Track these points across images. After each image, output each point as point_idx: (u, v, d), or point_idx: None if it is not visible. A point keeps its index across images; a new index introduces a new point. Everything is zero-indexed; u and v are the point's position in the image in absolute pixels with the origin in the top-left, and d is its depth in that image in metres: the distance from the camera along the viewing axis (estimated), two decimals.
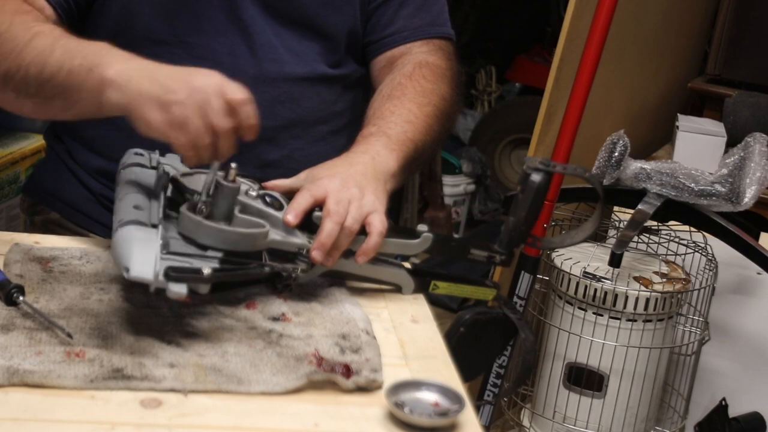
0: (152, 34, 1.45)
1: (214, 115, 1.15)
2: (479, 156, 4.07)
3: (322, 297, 1.28)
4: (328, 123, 1.56)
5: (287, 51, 1.50)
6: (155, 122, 1.15)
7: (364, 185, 1.29)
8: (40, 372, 1.04)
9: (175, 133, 1.15)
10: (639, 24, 2.52)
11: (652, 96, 2.88)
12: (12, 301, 1.17)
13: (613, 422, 2.08)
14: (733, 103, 2.68)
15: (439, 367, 1.16)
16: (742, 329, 2.27)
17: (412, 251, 1.33)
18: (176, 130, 1.15)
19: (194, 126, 1.14)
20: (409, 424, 1.04)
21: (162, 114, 1.15)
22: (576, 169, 1.45)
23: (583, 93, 1.93)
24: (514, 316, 1.41)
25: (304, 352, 1.14)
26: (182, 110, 1.14)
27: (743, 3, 2.88)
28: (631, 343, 2.04)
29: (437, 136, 1.49)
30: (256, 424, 1.02)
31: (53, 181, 1.59)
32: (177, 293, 1.07)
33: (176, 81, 1.16)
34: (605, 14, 1.90)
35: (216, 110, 1.15)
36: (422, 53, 1.58)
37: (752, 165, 1.96)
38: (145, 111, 1.15)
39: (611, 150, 1.97)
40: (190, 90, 1.15)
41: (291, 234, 1.23)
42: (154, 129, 1.16)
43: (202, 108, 1.15)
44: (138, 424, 1.00)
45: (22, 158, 2.56)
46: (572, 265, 2.06)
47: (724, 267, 2.17)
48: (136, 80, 1.17)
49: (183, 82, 1.16)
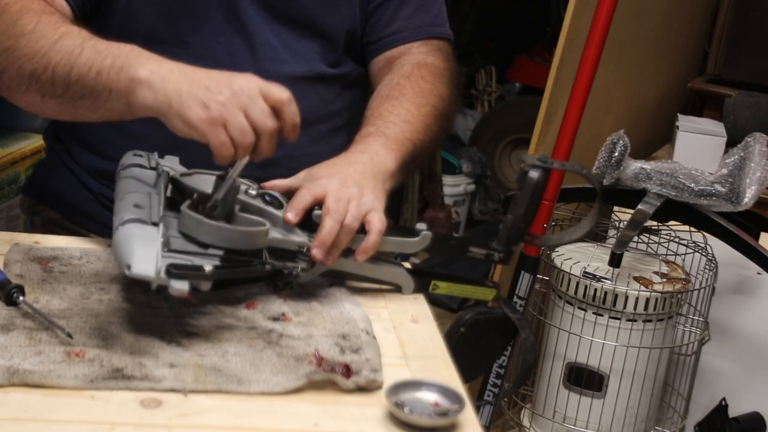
0: (152, 34, 1.45)
1: (258, 114, 1.16)
2: (479, 156, 4.08)
3: (322, 297, 1.28)
4: (327, 122, 1.56)
5: (286, 50, 1.50)
6: (197, 119, 1.15)
7: (363, 184, 1.30)
8: (40, 372, 1.05)
9: (216, 130, 1.15)
10: (639, 24, 2.52)
11: (652, 96, 2.88)
12: (12, 301, 1.17)
13: (613, 422, 2.08)
14: (733, 103, 2.68)
15: (439, 367, 1.16)
16: (742, 329, 2.27)
17: (411, 249, 1.33)
18: (218, 128, 1.15)
19: (237, 125, 1.15)
20: (409, 424, 1.04)
21: (205, 112, 1.15)
22: (573, 166, 1.46)
23: (583, 93, 1.93)
24: (514, 316, 1.41)
25: (304, 352, 1.14)
26: (225, 109, 1.15)
27: (743, 3, 2.88)
28: (631, 343, 2.04)
29: (435, 136, 1.50)
30: (256, 424, 1.02)
31: (53, 181, 1.59)
32: (179, 290, 1.07)
33: (217, 82, 1.17)
34: (605, 14, 1.90)
35: (260, 110, 1.16)
36: (421, 53, 1.58)
37: (752, 165, 1.96)
38: (186, 109, 1.15)
39: (611, 150, 1.97)
40: (233, 91, 1.16)
41: (291, 232, 1.23)
42: (195, 126, 1.16)
43: (246, 108, 1.16)
44: (138, 424, 1.00)
45: (22, 158, 2.56)
46: (572, 265, 2.06)
47: (724, 267, 2.17)
48: (173, 80, 1.17)
49: (224, 83, 1.17)
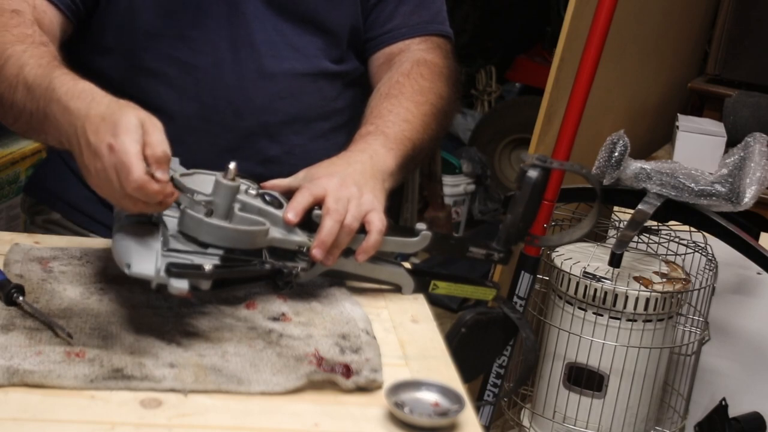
0: (154, 29, 1.45)
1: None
2: (479, 156, 4.08)
3: (322, 297, 1.28)
4: (328, 119, 1.56)
5: (288, 46, 1.50)
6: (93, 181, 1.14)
7: (363, 184, 1.29)
8: (40, 372, 1.04)
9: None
10: (639, 24, 2.52)
11: (652, 96, 2.88)
12: (12, 301, 1.17)
13: (613, 422, 2.08)
14: (733, 103, 2.68)
15: (439, 367, 1.16)
16: (742, 329, 2.27)
17: (411, 249, 1.33)
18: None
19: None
20: (409, 424, 1.04)
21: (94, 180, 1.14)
22: (573, 165, 1.46)
23: (583, 93, 1.93)
24: (514, 316, 1.41)
25: (304, 352, 1.14)
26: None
27: (743, 3, 2.88)
28: (631, 343, 2.04)
29: (435, 134, 1.50)
30: (256, 424, 1.02)
31: (54, 180, 1.59)
32: (178, 289, 1.07)
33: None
34: (605, 14, 1.90)
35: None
36: (420, 50, 1.58)
37: (752, 165, 1.96)
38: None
39: (611, 150, 1.97)
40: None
41: (291, 232, 1.23)
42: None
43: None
44: (138, 424, 1.00)
45: (22, 158, 2.57)
46: (572, 265, 2.06)
47: (724, 267, 2.17)
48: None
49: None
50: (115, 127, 1.09)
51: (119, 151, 1.08)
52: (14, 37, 1.29)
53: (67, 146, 1.17)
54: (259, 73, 1.47)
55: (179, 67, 1.46)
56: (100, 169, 1.10)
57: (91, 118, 1.12)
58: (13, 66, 1.25)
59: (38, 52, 1.27)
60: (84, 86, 1.18)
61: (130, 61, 1.46)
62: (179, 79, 1.46)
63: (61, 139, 1.18)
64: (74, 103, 1.15)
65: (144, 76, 1.47)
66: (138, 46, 1.46)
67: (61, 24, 1.40)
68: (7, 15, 1.32)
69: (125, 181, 1.08)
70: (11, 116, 1.27)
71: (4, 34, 1.29)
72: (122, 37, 1.46)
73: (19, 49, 1.27)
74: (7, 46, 1.27)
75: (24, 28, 1.32)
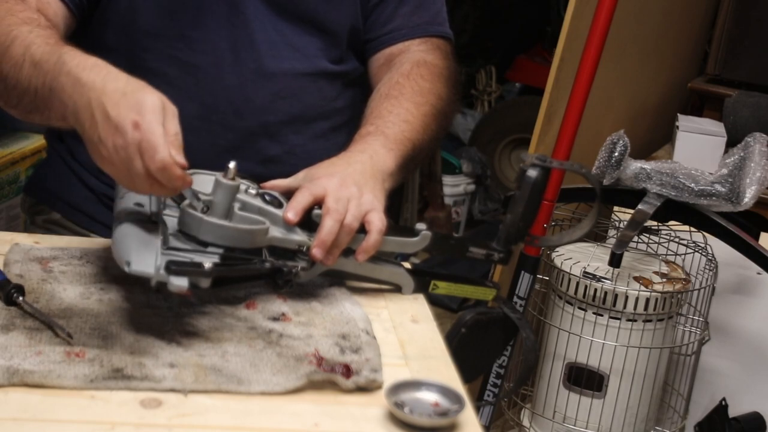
0: (154, 28, 1.45)
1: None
2: (479, 156, 4.08)
3: (322, 297, 1.28)
4: (329, 119, 1.56)
5: (288, 46, 1.50)
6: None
7: (363, 184, 1.30)
8: (40, 372, 1.04)
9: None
10: (639, 24, 2.52)
11: (652, 96, 2.88)
12: (12, 301, 1.17)
13: (613, 422, 2.08)
14: (733, 103, 2.68)
15: (439, 367, 1.16)
16: (742, 329, 2.27)
17: (411, 249, 1.33)
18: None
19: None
20: (409, 424, 1.03)
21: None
22: (573, 165, 1.46)
23: (583, 93, 1.93)
24: (514, 316, 1.41)
25: (304, 352, 1.14)
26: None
27: (743, 3, 2.88)
28: (631, 343, 2.04)
29: (434, 135, 1.50)
30: (256, 424, 1.02)
31: (54, 180, 1.59)
32: (178, 286, 1.07)
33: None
34: (605, 14, 1.90)
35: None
36: (420, 51, 1.58)
37: (752, 165, 1.96)
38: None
39: (611, 150, 1.97)
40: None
41: (291, 232, 1.23)
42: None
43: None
44: (138, 424, 1.00)
45: (22, 158, 2.57)
46: (572, 265, 2.06)
47: (724, 267, 2.17)
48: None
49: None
50: (141, 105, 1.09)
51: (146, 130, 1.07)
52: (20, 19, 1.29)
53: (71, 121, 1.15)
54: (259, 73, 1.47)
55: (179, 67, 1.46)
56: (120, 146, 1.08)
57: (109, 92, 1.11)
58: (20, 46, 1.24)
59: (45, 33, 1.27)
60: (96, 60, 1.17)
61: (131, 60, 1.46)
62: (179, 79, 1.46)
63: (65, 113, 1.16)
64: (87, 74, 1.14)
65: (144, 76, 1.45)
66: (138, 46, 1.46)
67: (65, 18, 1.40)
68: (12, 1, 1.33)
69: (150, 160, 1.07)
70: (15, 96, 1.25)
71: (10, 17, 1.29)
72: (122, 36, 1.46)
73: (25, 29, 1.27)
74: (12, 27, 1.27)
75: (29, 13, 1.32)
